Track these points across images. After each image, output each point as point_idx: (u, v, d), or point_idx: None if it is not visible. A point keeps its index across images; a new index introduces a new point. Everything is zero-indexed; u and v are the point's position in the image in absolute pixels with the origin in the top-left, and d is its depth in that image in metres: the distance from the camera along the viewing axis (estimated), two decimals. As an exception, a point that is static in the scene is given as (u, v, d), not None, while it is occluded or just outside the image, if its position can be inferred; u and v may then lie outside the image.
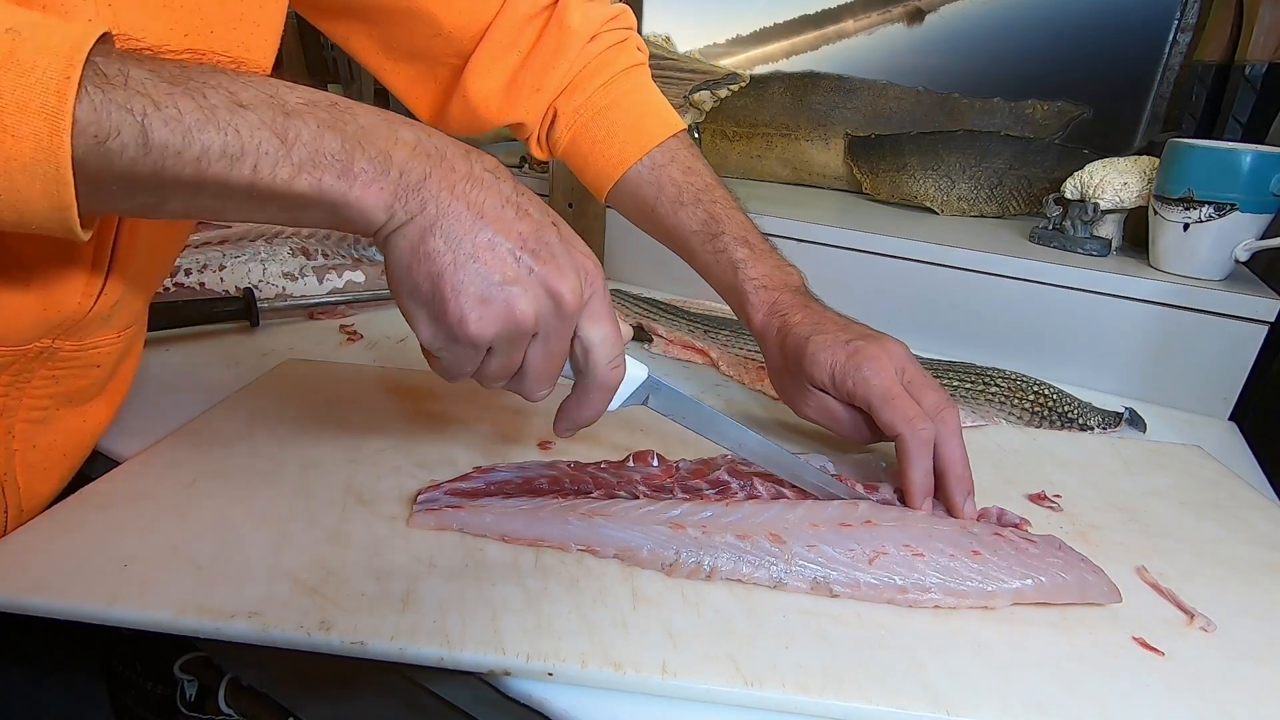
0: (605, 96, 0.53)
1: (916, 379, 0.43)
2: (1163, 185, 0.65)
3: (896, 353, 0.44)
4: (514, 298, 0.30)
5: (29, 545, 0.36)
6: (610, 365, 0.34)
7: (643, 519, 0.39)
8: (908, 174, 0.88)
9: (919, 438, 0.41)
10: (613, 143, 0.53)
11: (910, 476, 0.41)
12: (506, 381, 0.34)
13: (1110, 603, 0.37)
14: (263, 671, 0.51)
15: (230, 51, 0.37)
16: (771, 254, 0.51)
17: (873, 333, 0.46)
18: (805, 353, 0.46)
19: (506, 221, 0.30)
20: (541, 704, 0.31)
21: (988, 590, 0.36)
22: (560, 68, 0.52)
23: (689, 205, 0.52)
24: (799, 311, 0.48)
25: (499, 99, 0.53)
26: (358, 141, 0.28)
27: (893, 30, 0.98)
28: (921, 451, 0.41)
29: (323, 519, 0.40)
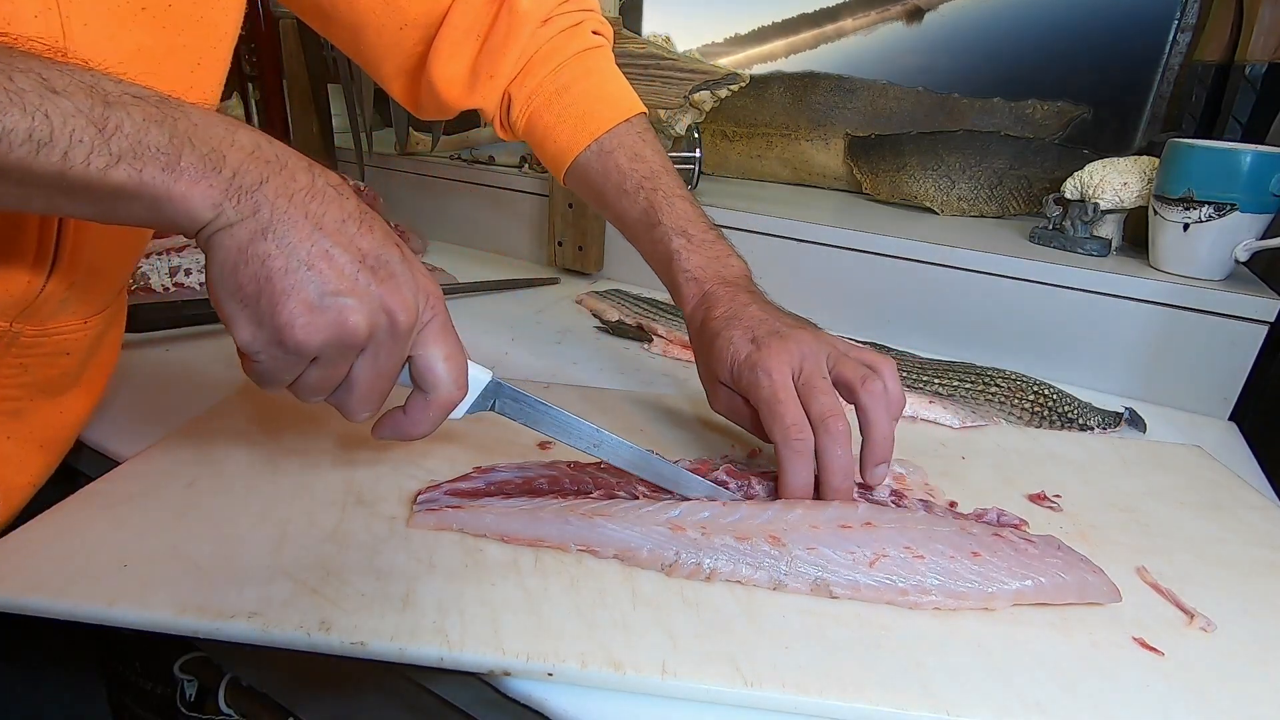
0: (556, 81, 0.52)
1: (812, 381, 0.41)
2: (1163, 185, 0.65)
3: (799, 351, 0.42)
4: (347, 309, 0.29)
5: (29, 545, 0.36)
6: (452, 385, 0.34)
7: (642, 519, 0.38)
8: (908, 174, 0.88)
9: (792, 448, 0.40)
10: (562, 129, 0.52)
11: (784, 484, 0.40)
12: (328, 396, 0.33)
13: (1110, 602, 0.37)
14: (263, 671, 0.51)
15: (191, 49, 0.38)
16: (713, 245, 0.50)
17: (789, 328, 0.43)
18: (713, 347, 0.45)
19: (347, 236, 0.30)
20: (541, 704, 0.31)
21: (988, 591, 0.36)
22: (512, 53, 0.51)
23: (631, 194, 0.51)
24: (723, 305, 0.46)
25: (461, 85, 0.53)
26: (187, 138, 0.27)
27: (892, 29, 0.98)
28: (794, 462, 0.40)
29: (323, 519, 0.40)
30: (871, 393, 0.41)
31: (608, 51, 0.55)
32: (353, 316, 0.29)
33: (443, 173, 1.05)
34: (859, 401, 0.41)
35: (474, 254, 1.02)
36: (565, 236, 0.90)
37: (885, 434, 0.41)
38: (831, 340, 0.44)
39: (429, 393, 0.34)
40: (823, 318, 0.78)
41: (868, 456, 0.41)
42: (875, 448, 0.41)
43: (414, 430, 0.35)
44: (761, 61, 1.07)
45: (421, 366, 0.34)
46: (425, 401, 0.35)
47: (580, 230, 0.89)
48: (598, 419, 0.53)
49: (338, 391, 0.33)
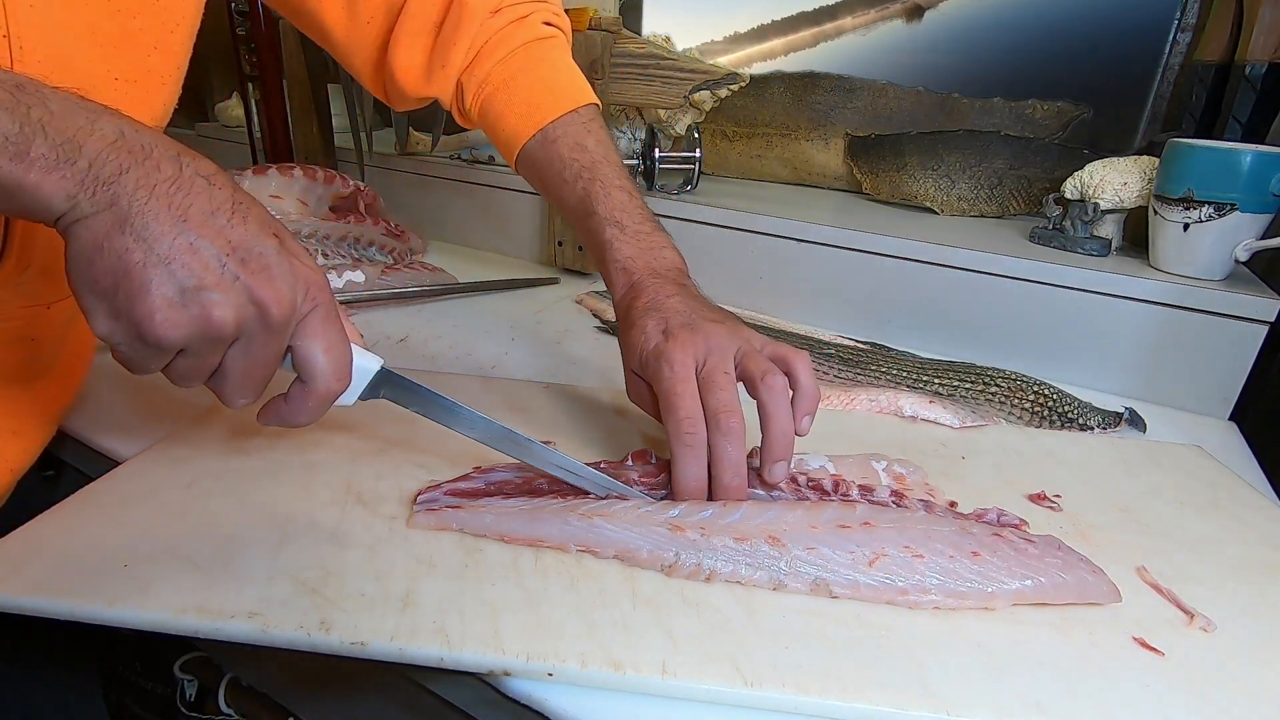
0: (503, 72, 0.53)
1: (713, 376, 0.40)
2: (1163, 185, 0.65)
3: (706, 344, 0.41)
4: (211, 303, 0.28)
5: (29, 545, 0.36)
6: (332, 377, 0.33)
7: (641, 520, 0.38)
8: (908, 174, 0.88)
9: (684, 441, 0.40)
10: (510, 118, 0.53)
11: (676, 479, 0.40)
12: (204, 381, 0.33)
13: (1110, 603, 0.37)
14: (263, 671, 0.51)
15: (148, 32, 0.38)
16: (648, 236, 0.49)
17: (704, 321, 0.43)
18: (628, 336, 0.45)
19: (215, 228, 0.29)
20: (541, 704, 0.31)
21: (987, 591, 0.36)
22: (462, 43, 0.52)
23: (570, 183, 0.51)
24: (647, 295, 0.46)
25: (418, 75, 0.54)
26: (41, 126, 0.26)
27: (892, 28, 0.98)
28: (685, 456, 0.40)
29: (323, 519, 0.40)
30: (770, 388, 0.40)
31: (560, 42, 0.55)
32: (217, 310, 0.29)
33: (443, 173, 1.05)
34: (758, 397, 0.40)
35: (474, 254, 1.02)
36: (565, 236, 0.90)
37: (783, 430, 0.40)
38: (748, 335, 0.43)
39: (308, 383, 0.33)
40: (823, 318, 0.78)
41: (765, 453, 0.41)
42: (772, 444, 0.40)
43: (295, 419, 0.34)
44: (761, 60, 1.07)
45: (301, 357, 0.33)
46: (305, 391, 0.34)
47: (580, 230, 0.89)
48: (598, 419, 0.54)
49: (213, 379, 0.32)
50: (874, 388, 0.61)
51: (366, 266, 0.80)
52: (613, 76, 0.82)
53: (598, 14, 0.80)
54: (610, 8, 1.08)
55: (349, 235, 0.84)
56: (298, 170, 0.83)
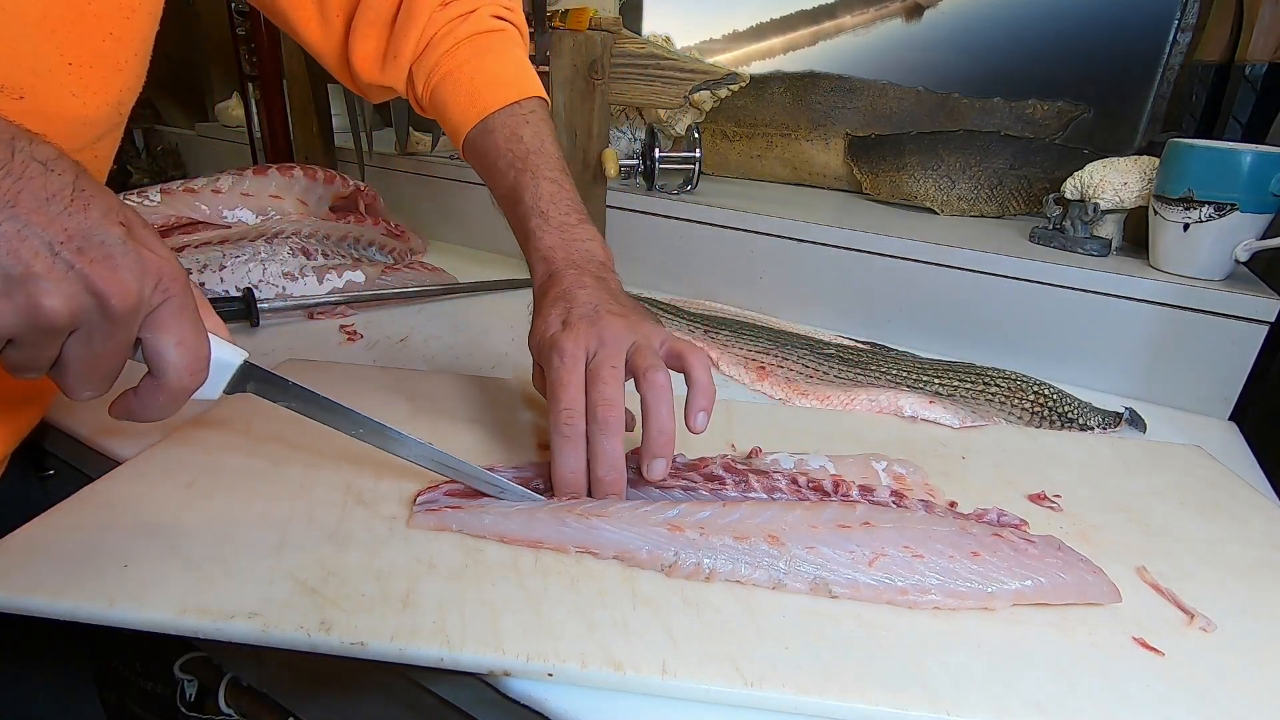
0: (449, 63, 0.53)
1: (599, 369, 0.40)
2: (1163, 185, 0.65)
3: (599, 336, 0.41)
4: (41, 293, 0.27)
5: (29, 545, 0.36)
6: (185, 372, 0.32)
7: (640, 520, 0.38)
8: (908, 174, 0.88)
9: (560, 432, 0.40)
10: (453, 108, 0.53)
11: (553, 471, 0.41)
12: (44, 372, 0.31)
13: (1110, 603, 0.37)
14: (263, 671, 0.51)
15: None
16: (572, 227, 0.49)
17: (606, 313, 0.43)
18: (533, 327, 0.45)
19: (50, 215, 0.27)
20: (541, 704, 0.31)
21: (987, 591, 0.36)
22: (412, 34, 0.53)
23: (503, 172, 0.52)
24: (560, 285, 0.46)
25: (375, 65, 0.54)
26: None
27: (892, 27, 0.98)
28: (562, 447, 0.40)
29: (323, 519, 0.40)
30: (651, 384, 0.40)
31: (510, 36, 0.56)
32: (46, 300, 0.27)
33: (443, 173, 1.05)
34: (640, 392, 0.40)
35: (474, 254, 1.02)
36: (565, 236, 0.90)
37: (661, 427, 0.40)
38: (648, 331, 0.43)
39: (158, 378, 0.32)
40: (823, 318, 0.78)
41: (644, 449, 0.41)
42: (650, 441, 0.40)
43: (145, 414, 0.33)
44: (760, 59, 1.06)
45: (150, 351, 0.32)
46: (155, 386, 0.32)
47: (580, 230, 0.89)
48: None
49: (53, 370, 0.31)
50: (874, 388, 0.61)
51: (366, 266, 0.80)
52: (613, 76, 0.82)
53: (598, 14, 0.80)
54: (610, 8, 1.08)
55: (349, 235, 0.84)
56: (298, 170, 0.83)
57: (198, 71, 1.43)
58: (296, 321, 0.73)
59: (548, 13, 0.82)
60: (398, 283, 0.81)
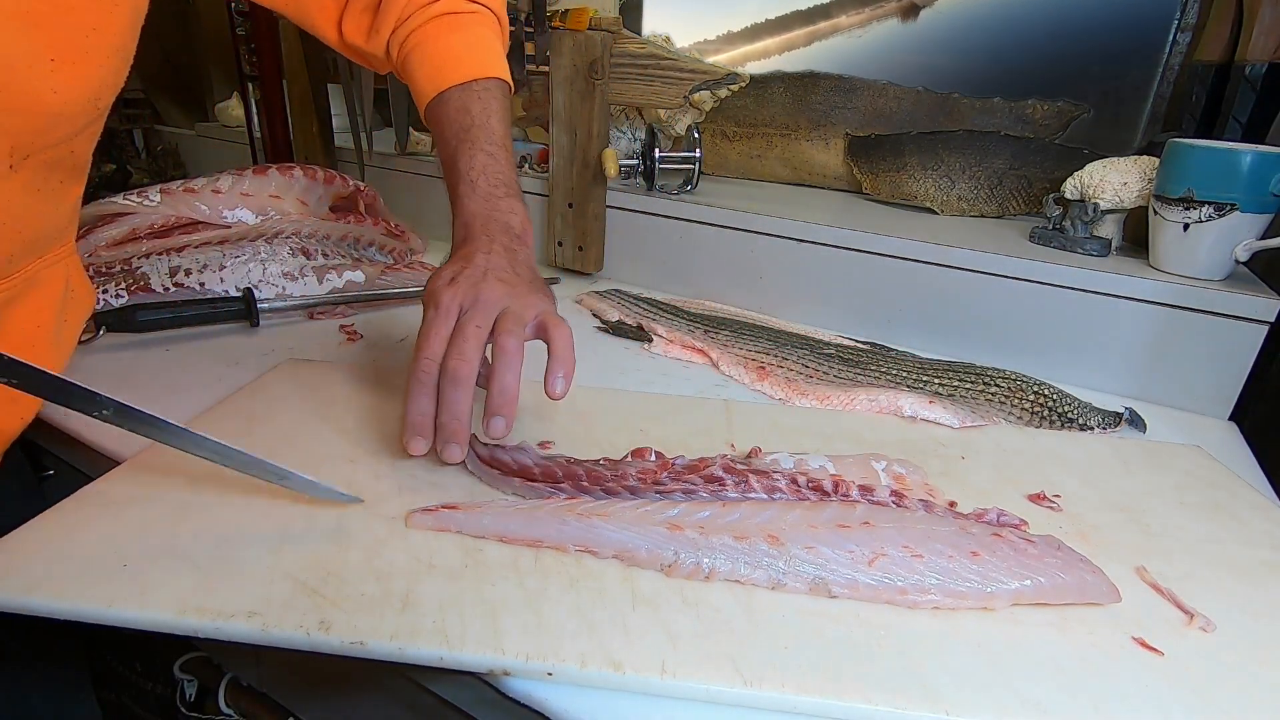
0: (417, 37, 0.56)
1: (464, 326, 0.43)
2: (1163, 185, 0.65)
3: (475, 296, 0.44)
4: None
5: (29, 545, 0.36)
6: None
7: (639, 520, 0.39)
8: (908, 174, 0.88)
9: (416, 378, 0.42)
10: (418, 79, 0.56)
11: (405, 413, 0.42)
12: None
13: (1109, 603, 0.37)
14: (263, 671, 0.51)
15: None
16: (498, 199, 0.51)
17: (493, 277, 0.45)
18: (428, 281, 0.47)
19: None
20: (541, 704, 0.31)
21: (987, 591, 0.36)
22: (394, 11, 0.56)
23: (447, 141, 0.54)
24: (468, 246, 0.48)
25: (363, 37, 0.58)
26: None
27: (889, 27, 0.97)
28: (414, 391, 0.42)
29: (323, 519, 0.40)
30: (500, 348, 0.42)
31: (483, 18, 0.58)
32: None
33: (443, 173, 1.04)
34: (491, 355, 0.43)
35: (474, 254, 1.02)
36: (565, 236, 0.90)
37: (501, 387, 0.42)
38: (527, 300, 0.45)
39: None
40: (823, 318, 0.78)
41: (486, 407, 0.42)
42: (491, 399, 0.42)
43: None
44: (756, 59, 1.06)
45: None
46: None
47: (580, 230, 0.89)
48: (598, 418, 0.54)
49: None
50: (874, 388, 0.61)
51: (366, 266, 0.80)
52: (613, 76, 0.82)
53: (598, 14, 0.80)
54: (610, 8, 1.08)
55: (349, 235, 0.84)
56: (298, 170, 0.83)
57: (198, 71, 1.43)
58: (296, 321, 0.73)
59: (548, 13, 0.82)
60: (398, 283, 0.81)
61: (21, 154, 0.39)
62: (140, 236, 0.72)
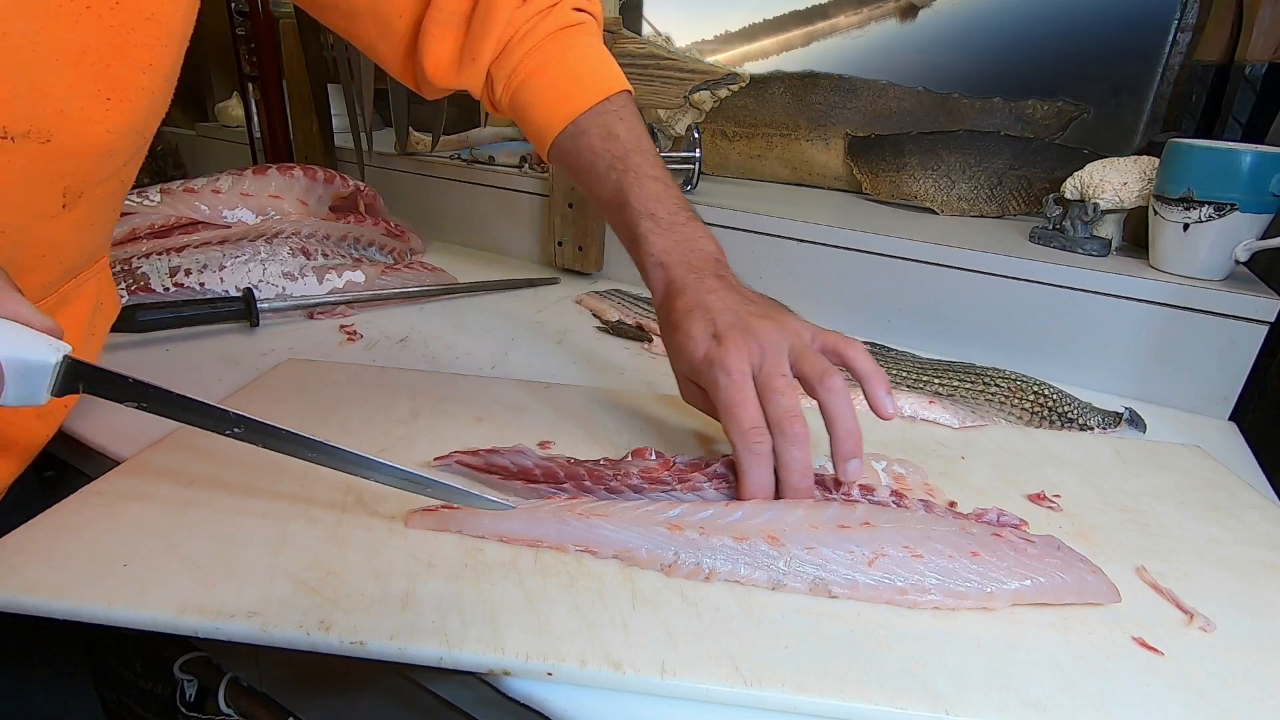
0: (533, 62, 0.51)
1: (771, 381, 0.40)
2: (1163, 185, 0.65)
3: (759, 347, 0.41)
4: None
5: (29, 545, 0.36)
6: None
7: (640, 520, 0.38)
8: (908, 174, 0.88)
9: (751, 451, 0.39)
10: (540, 110, 0.52)
11: (743, 486, 0.40)
12: None
13: (1109, 603, 0.37)
14: (263, 671, 0.51)
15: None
16: (683, 227, 0.48)
17: (752, 318, 0.42)
18: (674, 340, 0.44)
19: None
20: (541, 704, 0.31)
21: (987, 591, 0.36)
22: (491, 35, 0.50)
23: (602, 175, 0.50)
24: (687, 294, 0.45)
25: (448, 68, 0.52)
26: None
27: (887, 27, 0.98)
28: (754, 464, 0.40)
29: (323, 519, 0.40)
30: (829, 390, 0.40)
31: (590, 27, 0.54)
32: None
33: (443, 173, 1.05)
34: (819, 399, 0.40)
35: (474, 254, 1.02)
36: (565, 236, 0.90)
37: (848, 429, 0.40)
38: (797, 328, 0.43)
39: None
40: (823, 318, 0.78)
41: (836, 453, 0.41)
42: (840, 444, 0.40)
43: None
44: (753, 59, 1.06)
45: None
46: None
47: (580, 230, 0.89)
48: (599, 418, 0.54)
49: None
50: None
51: (366, 266, 0.80)
52: (613, 76, 0.82)
53: (598, 14, 0.80)
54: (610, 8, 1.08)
55: (349, 235, 0.84)
56: (298, 170, 0.83)
57: (198, 71, 1.43)
58: (296, 321, 0.73)
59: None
60: (398, 283, 0.81)
61: (75, 193, 0.38)
62: (140, 236, 0.72)
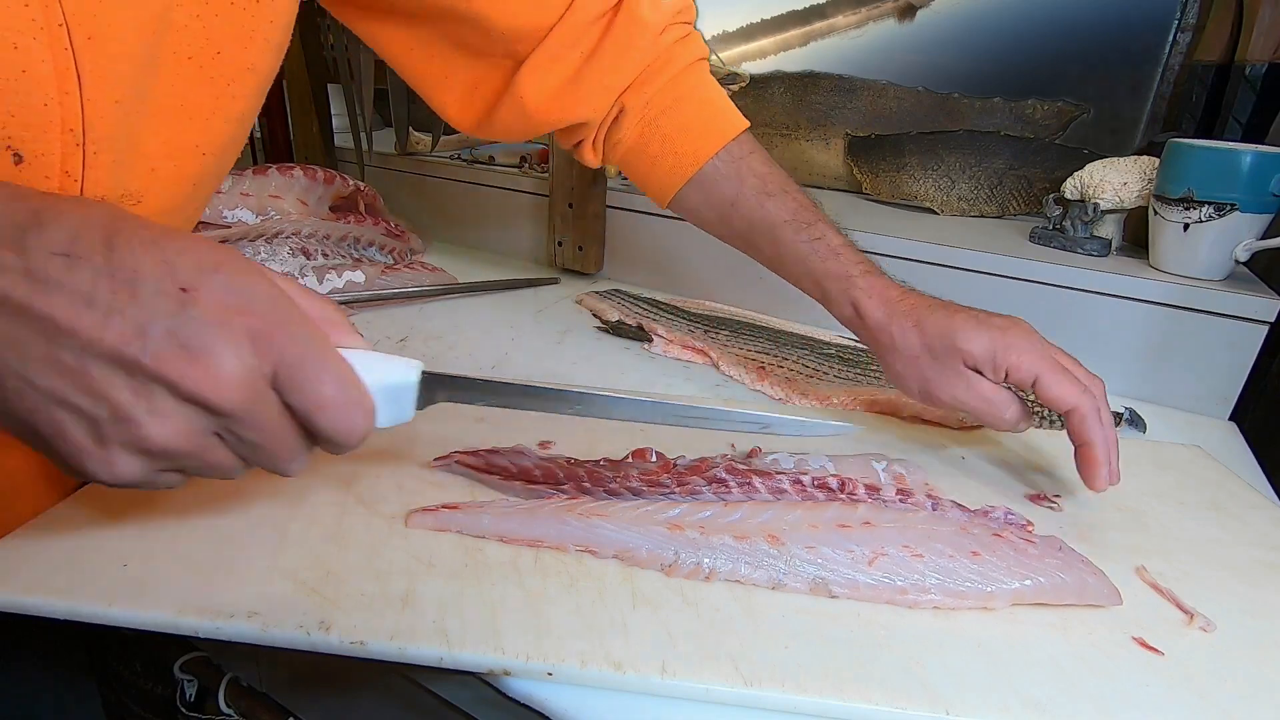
0: (675, 90, 0.51)
1: (1062, 356, 0.44)
2: (1163, 185, 0.65)
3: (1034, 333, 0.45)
4: (137, 428, 0.22)
5: (29, 545, 0.36)
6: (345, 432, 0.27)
7: (640, 519, 0.38)
8: (908, 174, 0.88)
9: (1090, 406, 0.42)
10: (687, 138, 0.51)
11: (1096, 442, 0.42)
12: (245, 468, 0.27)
13: (1110, 604, 0.37)
14: (263, 671, 0.51)
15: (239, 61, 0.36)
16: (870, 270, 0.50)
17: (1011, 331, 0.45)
18: (954, 334, 0.45)
19: (94, 323, 0.21)
20: (541, 704, 0.31)
21: (987, 591, 0.36)
22: (631, 61, 0.49)
23: (776, 195, 0.50)
24: (918, 296, 0.47)
25: (558, 98, 0.50)
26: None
27: (886, 27, 0.97)
28: (1097, 418, 0.42)
29: (323, 519, 0.40)
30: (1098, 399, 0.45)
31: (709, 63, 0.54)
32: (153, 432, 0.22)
33: (443, 173, 1.05)
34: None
35: (474, 254, 1.02)
36: (565, 236, 0.90)
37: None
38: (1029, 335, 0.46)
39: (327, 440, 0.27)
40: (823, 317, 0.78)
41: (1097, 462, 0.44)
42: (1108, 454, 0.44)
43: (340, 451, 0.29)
44: (751, 59, 1.06)
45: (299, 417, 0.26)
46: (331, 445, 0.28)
47: (580, 230, 0.89)
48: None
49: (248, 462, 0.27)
50: (874, 388, 0.61)
51: (366, 266, 0.80)
52: (613, 76, 0.82)
53: (598, 14, 0.80)
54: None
55: (349, 235, 0.84)
56: (298, 170, 0.83)
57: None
58: (296, 321, 0.73)
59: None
60: (398, 283, 0.81)
61: None
62: (140, 236, 0.72)
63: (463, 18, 0.47)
